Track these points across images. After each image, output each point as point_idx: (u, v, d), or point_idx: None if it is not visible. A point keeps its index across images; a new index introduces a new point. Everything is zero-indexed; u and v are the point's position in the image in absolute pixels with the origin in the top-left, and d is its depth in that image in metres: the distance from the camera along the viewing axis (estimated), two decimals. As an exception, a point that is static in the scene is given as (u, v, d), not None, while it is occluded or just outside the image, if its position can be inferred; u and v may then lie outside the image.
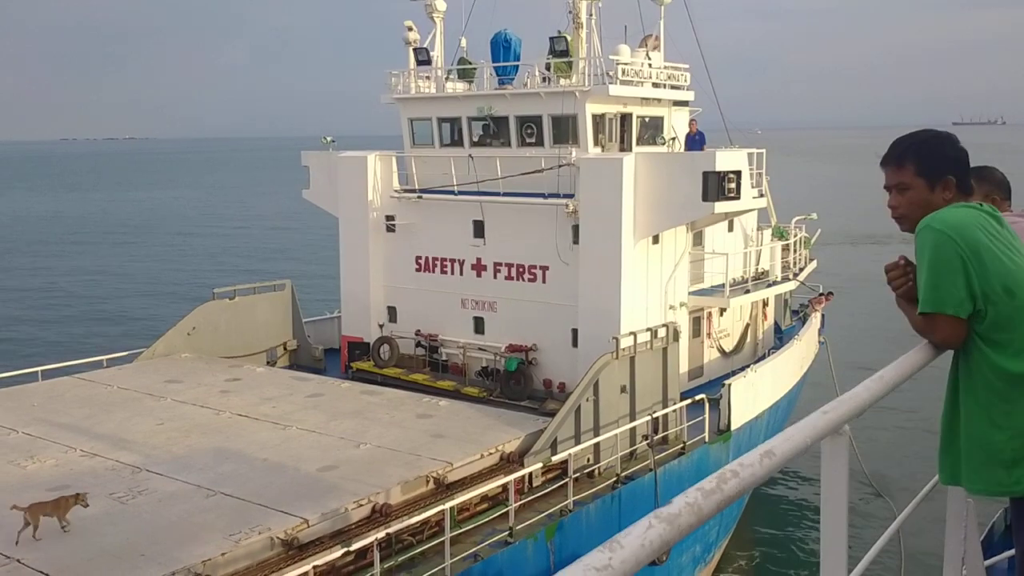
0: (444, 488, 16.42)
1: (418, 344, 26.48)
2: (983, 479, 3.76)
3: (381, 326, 27.11)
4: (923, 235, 3.74)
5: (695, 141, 24.84)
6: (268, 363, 26.51)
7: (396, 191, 26.89)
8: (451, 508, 15.16)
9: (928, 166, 3.96)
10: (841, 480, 3.05)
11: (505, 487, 16.31)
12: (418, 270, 26.70)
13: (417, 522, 14.90)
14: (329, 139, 28.49)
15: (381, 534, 14.07)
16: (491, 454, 17.74)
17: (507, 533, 15.90)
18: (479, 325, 25.68)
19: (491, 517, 16.31)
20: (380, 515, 15.06)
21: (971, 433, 3.75)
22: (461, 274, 25.93)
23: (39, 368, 22.90)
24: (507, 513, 16.04)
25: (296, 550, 13.95)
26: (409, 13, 27.43)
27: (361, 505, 15.06)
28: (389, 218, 26.93)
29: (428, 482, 16.31)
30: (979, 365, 3.73)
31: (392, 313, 27.25)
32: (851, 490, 3.09)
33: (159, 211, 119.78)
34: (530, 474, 17.40)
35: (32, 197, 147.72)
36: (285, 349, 27.45)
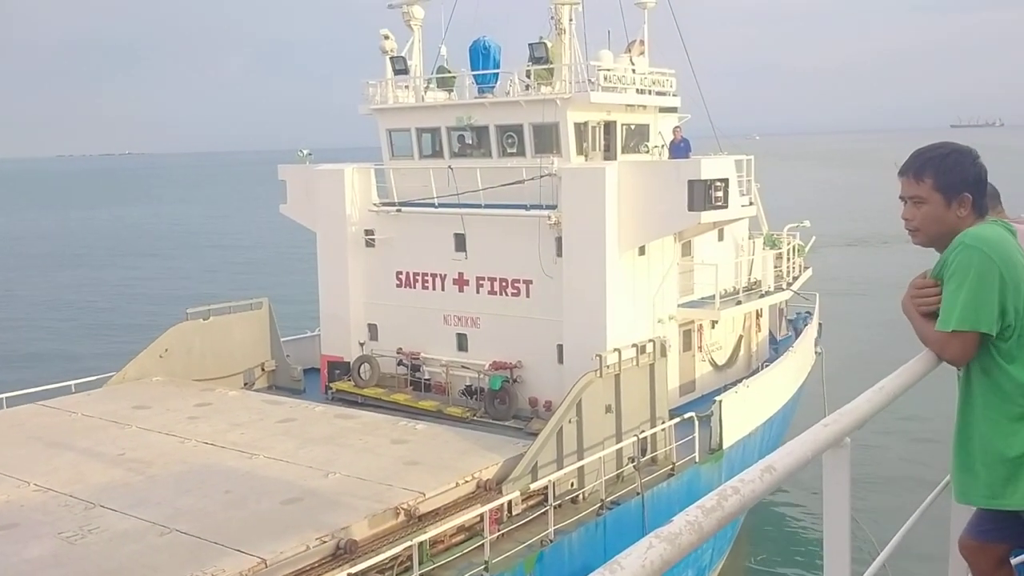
0: (416, 520, 15.50)
1: (400, 363, 25.60)
2: (1004, 495, 3.73)
3: (362, 344, 26.20)
4: (965, 253, 3.68)
5: (680, 148, 24.00)
6: (245, 385, 25.59)
7: (375, 205, 26.03)
8: (421, 543, 14.29)
9: (947, 182, 3.86)
10: (843, 493, 3.05)
11: (481, 517, 15.42)
12: (399, 286, 25.83)
13: (385, 559, 14.01)
14: (306, 152, 27.62)
15: (343, 574, 13.19)
16: (467, 482, 16.83)
17: (483, 567, 15.01)
18: (462, 342, 24.81)
19: (467, 550, 15.43)
20: (345, 552, 14.16)
21: (990, 450, 3.73)
22: (443, 289, 25.06)
23: (3, 395, 21.98)
24: (483, 545, 15.16)
25: (252, 593, 13.06)
26: (386, 21, 26.66)
27: (324, 542, 14.14)
28: (368, 232, 26.05)
29: (398, 514, 15.37)
30: (1000, 381, 3.71)
31: (373, 331, 26.36)
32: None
33: (139, 228, 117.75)
34: (508, 502, 16.50)
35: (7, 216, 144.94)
36: (263, 370, 26.50)
